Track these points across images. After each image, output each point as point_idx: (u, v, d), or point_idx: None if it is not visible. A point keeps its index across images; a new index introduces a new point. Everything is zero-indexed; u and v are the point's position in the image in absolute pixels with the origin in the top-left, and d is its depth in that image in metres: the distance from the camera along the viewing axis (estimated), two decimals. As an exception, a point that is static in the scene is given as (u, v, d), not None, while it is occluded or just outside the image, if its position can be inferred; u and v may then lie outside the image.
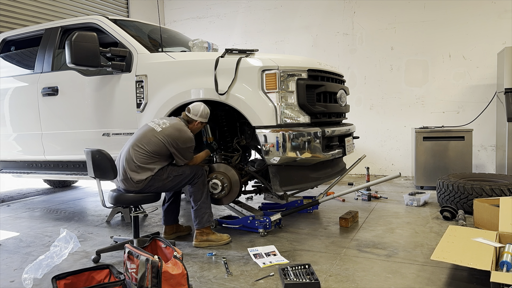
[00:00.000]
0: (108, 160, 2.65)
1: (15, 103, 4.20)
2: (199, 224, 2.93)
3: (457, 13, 5.56)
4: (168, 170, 2.84)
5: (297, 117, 2.94)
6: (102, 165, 2.68)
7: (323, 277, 2.34)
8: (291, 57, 3.10)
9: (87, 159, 2.79)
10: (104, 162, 2.66)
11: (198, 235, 2.96)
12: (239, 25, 6.94)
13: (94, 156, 2.70)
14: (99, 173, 2.73)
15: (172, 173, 2.83)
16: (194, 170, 2.90)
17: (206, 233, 2.96)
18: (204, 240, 2.94)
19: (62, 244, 2.63)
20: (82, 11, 6.17)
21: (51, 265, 2.50)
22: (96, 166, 2.72)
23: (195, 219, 2.94)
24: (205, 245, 2.93)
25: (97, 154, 2.68)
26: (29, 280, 2.32)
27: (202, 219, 2.92)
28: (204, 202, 2.93)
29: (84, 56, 3.15)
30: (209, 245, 2.94)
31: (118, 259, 2.77)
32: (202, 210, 2.92)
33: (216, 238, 2.97)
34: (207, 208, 2.95)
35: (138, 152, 2.74)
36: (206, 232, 2.96)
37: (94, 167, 2.72)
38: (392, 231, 3.24)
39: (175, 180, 2.84)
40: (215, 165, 3.24)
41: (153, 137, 2.77)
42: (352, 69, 6.20)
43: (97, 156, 2.68)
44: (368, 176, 4.78)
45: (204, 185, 2.94)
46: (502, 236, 2.44)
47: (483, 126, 5.51)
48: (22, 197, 5.44)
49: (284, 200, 3.53)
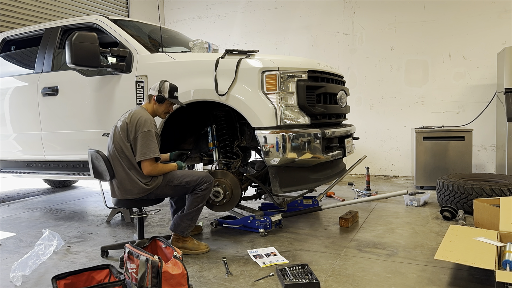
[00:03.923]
0: (104, 161, 2.62)
1: (15, 103, 4.21)
2: (173, 228, 2.79)
3: (457, 13, 5.56)
4: (169, 177, 2.68)
5: (297, 118, 2.94)
6: (99, 166, 2.68)
7: (323, 277, 2.34)
8: (291, 58, 3.10)
9: (89, 160, 2.80)
10: (101, 163, 2.65)
11: (174, 241, 2.80)
12: (239, 25, 6.94)
13: (93, 157, 2.70)
14: (97, 174, 2.74)
15: (173, 182, 2.67)
16: (199, 180, 2.70)
17: (182, 240, 2.80)
18: (179, 247, 2.75)
19: (45, 243, 2.69)
20: (82, 11, 6.17)
21: (38, 262, 2.56)
22: (94, 167, 2.72)
23: (174, 222, 2.80)
24: None
25: (95, 155, 2.67)
26: (17, 277, 2.36)
27: (179, 226, 2.77)
28: (192, 214, 2.75)
29: (84, 56, 3.15)
30: (185, 252, 2.75)
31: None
32: (185, 219, 2.77)
33: (192, 247, 2.79)
34: (190, 221, 2.77)
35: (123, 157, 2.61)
36: (183, 239, 2.80)
37: (93, 168, 2.72)
38: (392, 231, 3.24)
39: (175, 189, 2.70)
40: (217, 172, 3.22)
41: (118, 136, 2.64)
42: (352, 69, 6.20)
43: (95, 157, 2.67)
44: (368, 176, 4.78)
45: (203, 200, 2.75)
46: (503, 235, 2.45)
47: (483, 126, 5.51)
48: (22, 197, 5.44)
49: (283, 207, 3.51)
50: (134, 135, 2.60)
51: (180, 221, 2.78)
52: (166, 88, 2.76)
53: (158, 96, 2.74)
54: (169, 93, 2.77)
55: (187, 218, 2.77)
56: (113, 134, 2.70)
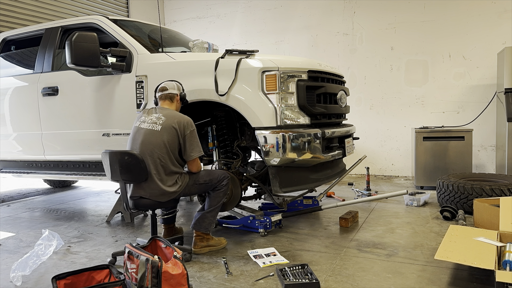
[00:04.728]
0: (140, 162, 2.54)
1: (15, 103, 4.21)
2: (195, 226, 2.85)
3: (457, 13, 5.57)
4: (195, 177, 2.77)
5: (297, 118, 2.94)
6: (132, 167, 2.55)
7: (323, 277, 2.34)
8: (291, 58, 3.10)
9: (110, 162, 2.62)
10: (136, 164, 2.54)
11: (198, 241, 2.86)
12: (239, 25, 6.94)
13: (123, 158, 2.55)
14: (128, 176, 2.59)
15: (199, 180, 2.78)
16: (220, 177, 2.83)
17: (206, 238, 2.89)
18: (204, 246, 2.86)
19: (45, 243, 2.70)
20: (82, 11, 6.17)
21: (38, 262, 2.56)
22: (125, 169, 2.56)
23: (195, 221, 2.87)
24: (205, 251, 2.86)
25: (127, 156, 2.55)
26: (17, 277, 2.36)
27: (203, 223, 2.84)
28: (215, 210, 2.86)
29: (84, 56, 3.15)
30: (210, 250, 2.87)
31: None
32: (209, 216, 2.86)
33: (215, 243, 2.90)
34: (213, 217, 2.88)
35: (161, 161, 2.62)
36: (206, 237, 2.89)
37: (123, 170, 2.56)
38: (392, 231, 3.24)
39: (200, 187, 2.80)
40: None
41: (158, 139, 2.63)
42: (352, 69, 6.20)
43: (127, 158, 2.54)
44: (368, 176, 4.78)
45: (224, 194, 2.87)
46: (503, 235, 2.45)
47: (483, 126, 5.51)
48: (22, 197, 5.44)
49: (283, 207, 3.51)
50: (183, 134, 2.68)
51: (204, 218, 2.85)
52: (181, 87, 2.92)
53: (182, 94, 2.88)
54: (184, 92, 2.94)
55: (211, 215, 2.87)
56: (145, 138, 2.64)
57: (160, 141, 2.62)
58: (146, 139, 2.65)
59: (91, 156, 3.73)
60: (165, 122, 2.66)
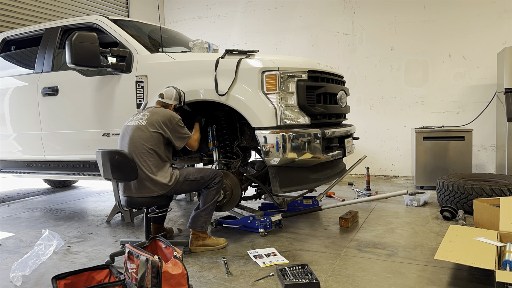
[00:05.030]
0: (130, 161, 2.58)
1: (15, 103, 4.21)
2: (191, 225, 2.88)
3: (457, 13, 5.57)
4: (185, 173, 2.81)
5: (297, 118, 2.94)
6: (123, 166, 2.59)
7: (323, 277, 2.34)
8: (291, 58, 3.10)
9: (102, 161, 2.68)
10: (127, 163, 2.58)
11: (194, 240, 2.89)
12: (239, 25, 6.94)
13: (113, 157, 2.59)
14: (119, 174, 2.62)
15: (189, 177, 2.81)
16: (212, 175, 2.87)
17: (202, 237, 2.89)
18: (200, 245, 2.88)
19: (45, 243, 2.70)
20: (82, 11, 6.17)
21: (38, 262, 2.56)
22: (116, 168, 2.60)
23: (191, 220, 2.89)
24: (201, 250, 2.88)
25: (117, 155, 2.59)
26: (17, 277, 2.36)
27: (198, 222, 2.86)
28: (209, 208, 2.88)
29: (84, 56, 3.15)
30: (206, 249, 2.88)
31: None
32: (203, 214, 2.88)
33: (212, 243, 2.91)
34: (208, 215, 2.90)
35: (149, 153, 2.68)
36: (202, 236, 2.89)
37: (114, 169, 2.60)
38: (392, 231, 3.24)
39: (192, 184, 2.82)
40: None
41: (146, 132, 2.70)
42: (352, 69, 6.20)
43: (117, 157, 2.58)
44: (368, 176, 4.78)
45: (217, 192, 2.90)
46: (503, 235, 2.45)
47: (483, 126, 5.51)
48: (22, 197, 5.44)
49: (283, 207, 3.52)
50: (170, 126, 2.76)
51: (198, 216, 2.88)
52: (183, 98, 3.01)
53: (177, 106, 2.97)
54: (184, 101, 3.03)
55: (205, 213, 2.89)
56: (133, 134, 2.72)
57: (148, 134, 2.71)
58: (134, 134, 2.73)
59: (91, 156, 3.73)
60: (149, 117, 2.77)
